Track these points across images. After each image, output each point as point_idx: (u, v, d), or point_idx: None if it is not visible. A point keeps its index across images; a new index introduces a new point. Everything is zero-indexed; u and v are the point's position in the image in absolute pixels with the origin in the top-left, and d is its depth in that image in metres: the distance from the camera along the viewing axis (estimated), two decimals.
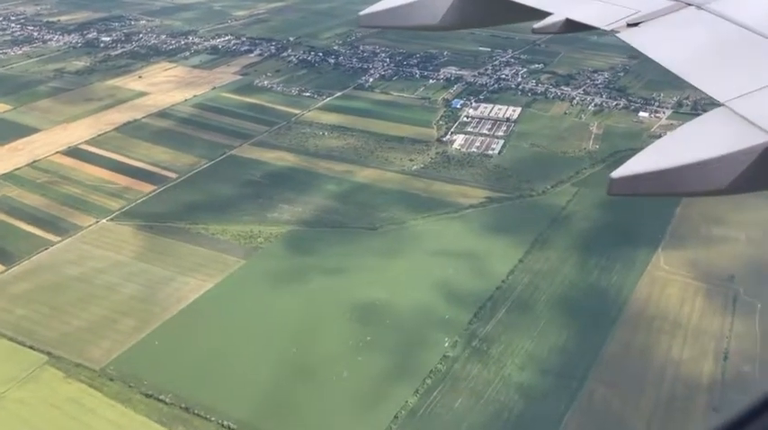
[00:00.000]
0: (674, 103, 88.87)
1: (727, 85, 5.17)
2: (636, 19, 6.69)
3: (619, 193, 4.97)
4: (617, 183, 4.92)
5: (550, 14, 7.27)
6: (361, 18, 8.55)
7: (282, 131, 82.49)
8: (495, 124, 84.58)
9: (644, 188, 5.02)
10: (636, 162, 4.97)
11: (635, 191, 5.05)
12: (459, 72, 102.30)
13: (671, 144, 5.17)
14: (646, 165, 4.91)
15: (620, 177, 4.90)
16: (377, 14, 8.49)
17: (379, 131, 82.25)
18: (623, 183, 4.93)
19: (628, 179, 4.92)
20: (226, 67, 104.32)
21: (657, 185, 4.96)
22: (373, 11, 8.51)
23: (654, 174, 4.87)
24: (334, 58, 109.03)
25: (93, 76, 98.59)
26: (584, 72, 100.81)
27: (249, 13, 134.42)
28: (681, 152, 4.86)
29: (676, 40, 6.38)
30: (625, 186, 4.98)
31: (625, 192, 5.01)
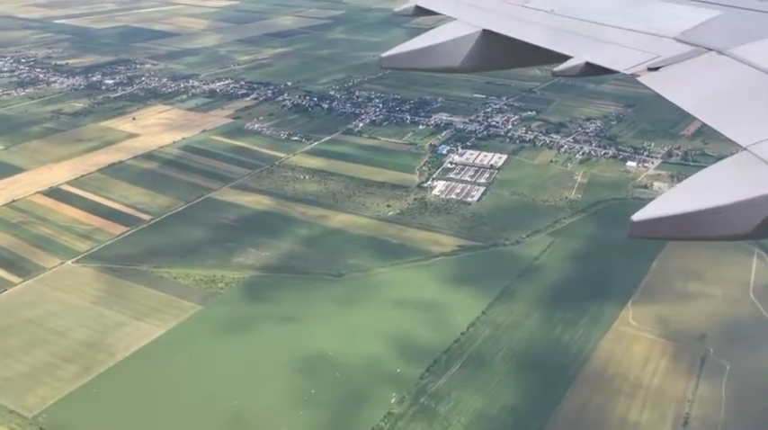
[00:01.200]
0: (663, 153, 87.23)
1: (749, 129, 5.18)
2: (656, 63, 6.67)
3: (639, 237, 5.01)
4: (637, 227, 4.94)
5: (570, 58, 7.32)
6: (383, 59, 8.79)
7: (264, 175, 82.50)
8: (478, 171, 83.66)
9: (664, 232, 5.02)
10: (657, 205, 4.98)
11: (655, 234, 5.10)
12: (451, 118, 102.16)
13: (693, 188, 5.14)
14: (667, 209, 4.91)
15: (640, 220, 4.92)
16: (399, 56, 8.76)
17: (360, 176, 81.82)
18: (644, 226, 4.94)
19: (649, 222, 4.93)
20: (220, 111, 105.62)
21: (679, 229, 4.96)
22: (395, 53, 8.77)
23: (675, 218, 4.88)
24: (328, 102, 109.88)
25: (89, 117, 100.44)
26: (576, 120, 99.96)
27: (252, 59, 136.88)
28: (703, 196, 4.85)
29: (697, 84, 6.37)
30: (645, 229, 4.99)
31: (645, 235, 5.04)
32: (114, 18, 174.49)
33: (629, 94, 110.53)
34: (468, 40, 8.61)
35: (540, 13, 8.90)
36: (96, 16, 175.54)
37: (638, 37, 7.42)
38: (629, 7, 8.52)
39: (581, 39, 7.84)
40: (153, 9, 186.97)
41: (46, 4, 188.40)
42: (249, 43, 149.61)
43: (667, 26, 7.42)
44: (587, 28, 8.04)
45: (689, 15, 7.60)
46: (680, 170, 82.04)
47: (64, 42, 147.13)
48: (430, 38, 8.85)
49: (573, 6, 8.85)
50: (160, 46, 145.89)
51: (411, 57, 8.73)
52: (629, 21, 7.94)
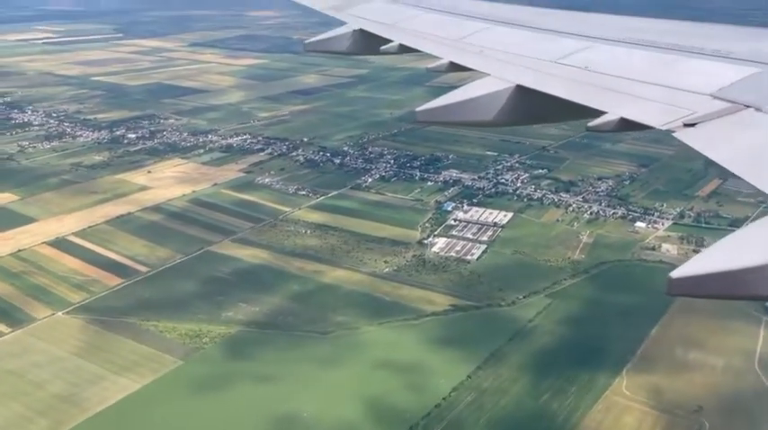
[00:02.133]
0: (675, 214, 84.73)
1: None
2: (692, 119, 6.68)
3: (678, 294, 4.89)
4: (676, 284, 4.80)
5: (605, 113, 7.35)
6: (418, 114, 8.95)
7: (266, 229, 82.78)
8: (481, 229, 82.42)
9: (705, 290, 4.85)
10: (698, 262, 4.84)
11: (695, 292, 4.90)
12: (460, 175, 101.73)
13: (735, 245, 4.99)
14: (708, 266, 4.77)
15: (680, 277, 4.78)
16: (433, 110, 8.94)
17: (361, 231, 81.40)
18: (683, 283, 4.79)
19: (688, 280, 4.79)
20: (234, 165, 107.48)
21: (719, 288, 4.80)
22: (430, 107, 8.94)
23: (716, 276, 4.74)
24: (340, 158, 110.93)
25: (106, 170, 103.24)
26: (587, 179, 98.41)
27: (273, 115, 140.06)
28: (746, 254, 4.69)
29: (735, 141, 6.34)
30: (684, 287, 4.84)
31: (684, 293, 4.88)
32: (148, 75, 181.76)
33: (645, 154, 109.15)
34: (501, 96, 8.75)
35: (574, 69, 8.99)
36: (131, 74, 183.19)
37: (672, 93, 7.44)
38: (662, 64, 8.53)
39: (615, 94, 7.88)
40: (185, 67, 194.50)
41: (85, 62, 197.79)
42: (271, 100, 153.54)
43: (703, 83, 7.40)
44: (621, 84, 8.08)
45: (724, 73, 7.57)
46: (691, 232, 79.53)
47: (96, 98, 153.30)
48: (464, 93, 9.00)
49: (606, 63, 8.94)
50: (187, 102, 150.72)
51: (445, 111, 8.90)
52: (664, 77, 7.99)
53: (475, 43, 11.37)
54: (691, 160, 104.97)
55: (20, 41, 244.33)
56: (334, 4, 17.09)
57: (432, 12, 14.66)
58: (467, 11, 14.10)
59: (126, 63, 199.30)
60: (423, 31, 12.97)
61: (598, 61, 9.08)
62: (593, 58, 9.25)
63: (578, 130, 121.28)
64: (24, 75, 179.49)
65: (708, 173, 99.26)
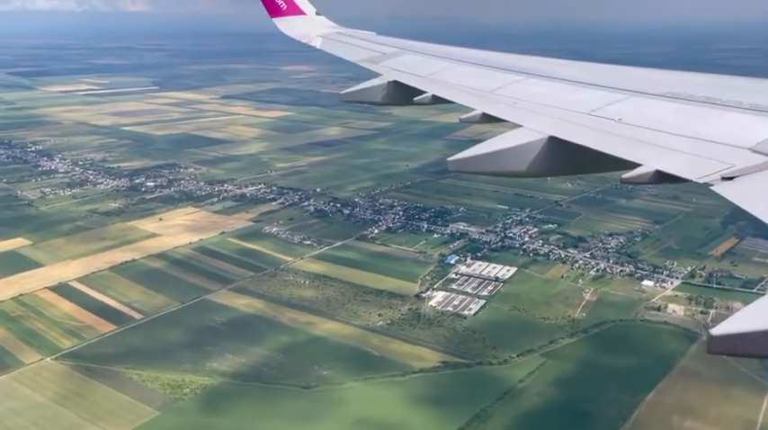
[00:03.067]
0: (686, 273, 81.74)
1: None
2: (731, 173, 6.59)
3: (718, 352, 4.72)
4: (717, 342, 4.63)
5: (639, 165, 7.36)
6: (450, 163, 9.14)
7: (265, 278, 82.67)
8: (482, 283, 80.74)
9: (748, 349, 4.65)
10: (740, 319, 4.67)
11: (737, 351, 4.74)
12: (468, 228, 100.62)
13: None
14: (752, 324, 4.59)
15: (721, 335, 4.61)
16: (466, 160, 9.05)
17: (360, 283, 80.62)
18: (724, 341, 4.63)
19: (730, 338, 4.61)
20: (244, 214, 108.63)
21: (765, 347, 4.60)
22: (462, 157, 9.06)
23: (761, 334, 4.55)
24: (349, 208, 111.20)
25: (120, 217, 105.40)
26: (597, 235, 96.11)
27: (290, 166, 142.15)
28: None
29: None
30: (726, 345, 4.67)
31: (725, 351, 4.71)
32: (176, 126, 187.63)
33: (661, 211, 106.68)
34: (534, 146, 8.81)
35: (607, 121, 9.01)
36: (160, 124, 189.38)
37: (709, 146, 7.36)
38: (698, 117, 8.46)
39: (650, 147, 7.86)
40: (213, 119, 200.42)
41: (118, 113, 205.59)
42: (292, 151, 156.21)
43: (740, 137, 7.33)
44: (656, 136, 8.06)
45: (763, 127, 7.51)
46: (701, 292, 76.41)
47: (122, 147, 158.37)
48: (497, 143, 9.05)
49: (640, 115, 8.95)
50: (209, 152, 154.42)
51: (478, 160, 9.00)
52: (699, 130, 7.91)
53: (507, 95, 11.56)
54: (707, 218, 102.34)
55: (63, 93, 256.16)
56: (370, 56, 17.60)
57: (464, 64, 15.02)
58: (499, 63, 14.42)
59: (157, 114, 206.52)
60: (455, 83, 13.29)
61: (632, 113, 9.09)
62: (627, 111, 9.27)
63: (593, 186, 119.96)
64: (60, 124, 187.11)
65: (725, 231, 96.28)
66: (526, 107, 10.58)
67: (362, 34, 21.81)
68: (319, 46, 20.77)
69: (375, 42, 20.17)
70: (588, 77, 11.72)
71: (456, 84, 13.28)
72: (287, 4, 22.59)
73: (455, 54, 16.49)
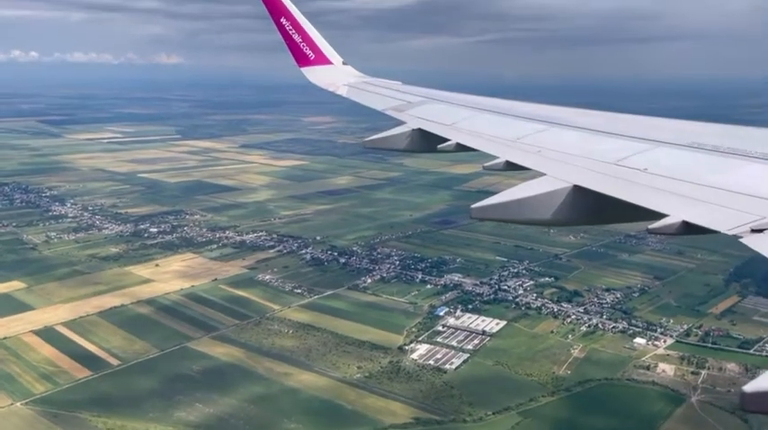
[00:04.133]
0: (681, 331, 78.93)
1: None
2: (761, 225, 6.50)
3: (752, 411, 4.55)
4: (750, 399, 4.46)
5: (666, 216, 7.31)
6: (474, 210, 9.07)
7: (250, 326, 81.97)
8: (468, 336, 78.91)
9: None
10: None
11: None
12: (463, 279, 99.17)
13: None
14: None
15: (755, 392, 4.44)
16: (489, 207, 9.06)
17: (344, 333, 79.41)
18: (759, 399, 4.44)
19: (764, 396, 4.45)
20: (240, 261, 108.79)
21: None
22: (486, 204, 9.06)
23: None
24: (346, 257, 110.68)
25: (118, 262, 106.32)
26: (594, 290, 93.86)
27: (295, 213, 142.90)
28: None
29: None
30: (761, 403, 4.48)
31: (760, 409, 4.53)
32: (189, 173, 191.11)
33: (663, 267, 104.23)
34: (558, 195, 8.78)
35: (632, 171, 9.00)
36: (174, 171, 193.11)
37: (737, 198, 7.27)
38: (725, 168, 8.44)
39: (676, 197, 7.80)
40: (227, 167, 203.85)
41: (136, 160, 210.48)
42: (299, 199, 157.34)
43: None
44: (682, 187, 8.01)
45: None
46: (695, 352, 73.67)
47: (134, 193, 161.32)
48: (521, 190, 9.06)
49: (666, 166, 8.92)
50: (217, 199, 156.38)
51: (501, 208, 9.00)
52: (727, 182, 7.85)
53: (531, 143, 11.58)
54: (711, 274, 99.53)
55: (87, 140, 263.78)
56: (394, 105, 17.84)
57: (487, 113, 15.20)
58: (522, 112, 14.54)
59: (174, 161, 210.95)
60: (479, 131, 13.42)
61: (658, 164, 9.03)
62: (653, 161, 9.23)
63: (596, 239, 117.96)
64: (78, 170, 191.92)
65: (727, 289, 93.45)
66: (550, 156, 10.58)
67: (388, 83, 22.25)
68: (345, 94, 21.21)
69: (400, 91, 20.50)
70: (611, 127, 11.67)
71: (479, 132, 13.38)
72: (315, 54, 23.05)
73: (478, 103, 16.69)
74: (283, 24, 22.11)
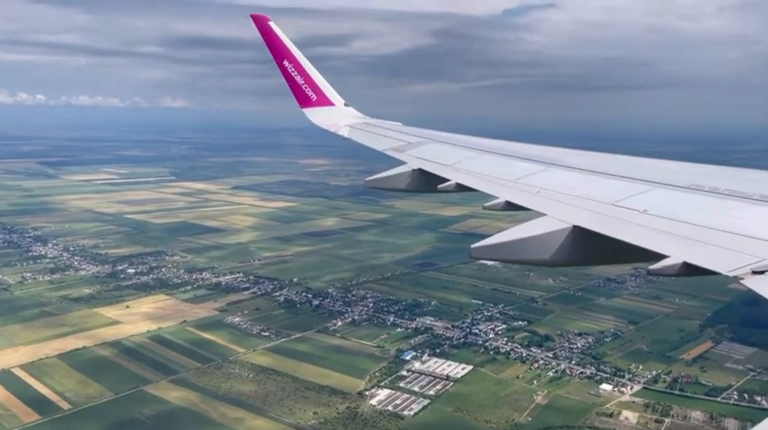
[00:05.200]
0: (649, 377, 77.11)
1: None
2: (761, 267, 6.50)
3: None
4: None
5: (666, 257, 7.26)
6: (474, 250, 9.05)
7: (210, 370, 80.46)
8: (432, 381, 77.17)
9: None
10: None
11: None
12: (435, 323, 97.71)
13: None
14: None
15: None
16: (489, 248, 9.06)
17: (305, 378, 77.81)
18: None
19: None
20: (212, 303, 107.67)
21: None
22: (485, 244, 9.05)
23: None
24: (320, 299, 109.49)
25: (88, 303, 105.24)
26: (566, 334, 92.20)
27: (276, 255, 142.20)
28: None
29: None
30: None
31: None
32: (176, 214, 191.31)
33: (639, 311, 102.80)
34: (558, 235, 8.76)
35: (632, 212, 8.97)
36: (162, 212, 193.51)
37: (737, 239, 7.27)
38: (725, 210, 8.43)
39: (677, 238, 7.78)
40: (216, 208, 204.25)
41: (125, 201, 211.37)
42: (282, 241, 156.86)
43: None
44: (683, 228, 8.00)
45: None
46: (660, 399, 71.78)
47: (118, 234, 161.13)
48: (521, 231, 9.05)
49: (666, 207, 8.90)
50: (200, 240, 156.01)
51: (501, 248, 8.98)
52: (727, 223, 7.83)
53: (531, 184, 11.66)
54: (686, 320, 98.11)
55: (82, 181, 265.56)
56: (395, 145, 18.10)
57: (487, 154, 15.36)
58: (521, 153, 14.72)
59: (163, 203, 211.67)
60: (479, 172, 13.51)
61: (657, 205, 9.00)
62: (652, 202, 9.20)
63: (575, 283, 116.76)
64: (66, 211, 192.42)
65: (701, 335, 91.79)
66: (550, 196, 10.62)
67: (389, 124, 22.56)
68: (347, 135, 21.39)
69: (401, 132, 20.75)
70: (609, 168, 11.79)
71: (479, 172, 13.49)
72: (317, 95, 23.33)
73: (478, 144, 16.91)
74: (286, 67, 22.53)
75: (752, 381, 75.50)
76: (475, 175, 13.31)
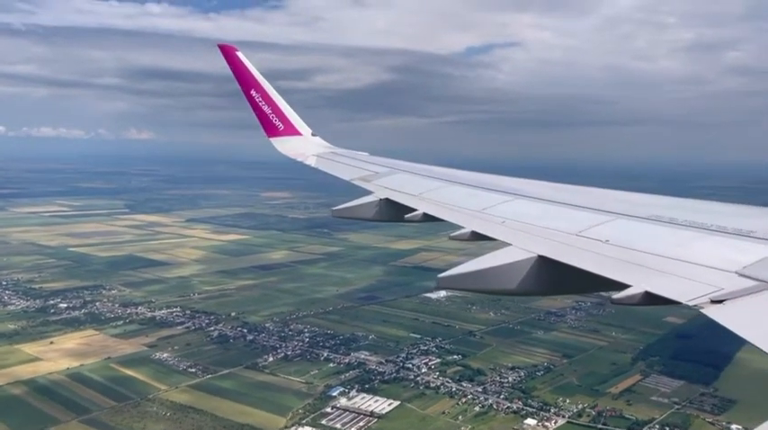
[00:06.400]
0: (575, 411, 76.40)
1: None
2: (719, 296, 6.56)
3: None
4: None
5: (629, 286, 7.28)
6: (441, 280, 9.08)
7: (126, 408, 77.21)
8: (355, 418, 75.24)
9: None
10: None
11: None
12: (369, 357, 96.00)
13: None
14: None
15: None
16: (455, 277, 9.07)
17: (224, 416, 75.16)
18: None
19: None
20: (143, 338, 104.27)
21: None
22: (452, 274, 9.07)
23: None
24: (255, 334, 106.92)
25: (11, 339, 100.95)
26: (498, 368, 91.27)
27: (217, 289, 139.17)
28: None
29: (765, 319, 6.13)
30: None
31: None
32: (122, 247, 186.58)
33: (575, 345, 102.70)
34: (523, 265, 8.82)
35: (595, 242, 9.08)
36: (108, 245, 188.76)
37: (696, 269, 7.39)
38: (684, 240, 8.52)
39: (638, 268, 7.84)
40: (164, 241, 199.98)
41: (71, 234, 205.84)
42: (227, 274, 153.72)
43: (727, 260, 7.38)
44: (644, 258, 8.09)
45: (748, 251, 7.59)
46: None
47: (58, 268, 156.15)
48: (486, 261, 9.08)
49: (627, 238, 8.98)
50: (142, 274, 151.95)
51: (467, 278, 9.05)
52: (687, 253, 7.95)
53: (496, 214, 11.72)
54: (620, 353, 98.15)
55: (30, 214, 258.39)
56: (362, 175, 18.06)
57: (453, 184, 15.36)
58: (487, 183, 14.78)
59: (110, 236, 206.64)
60: (446, 202, 13.51)
61: (619, 236, 9.11)
62: (614, 232, 9.30)
63: (515, 316, 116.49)
64: (8, 244, 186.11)
65: (632, 368, 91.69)
66: (515, 226, 10.72)
67: (356, 154, 22.64)
68: (314, 164, 21.32)
69: (368, 162, 20.84)
70: (573, 199, 11.94)
71: (446, 202, 13.52)
72: (284, 125, 23.32)
73: (445, 174, 17.00)
74: (253, 96, 22.56)
75: (675, 414, 75.31)
76: (441, 205, 13.35)
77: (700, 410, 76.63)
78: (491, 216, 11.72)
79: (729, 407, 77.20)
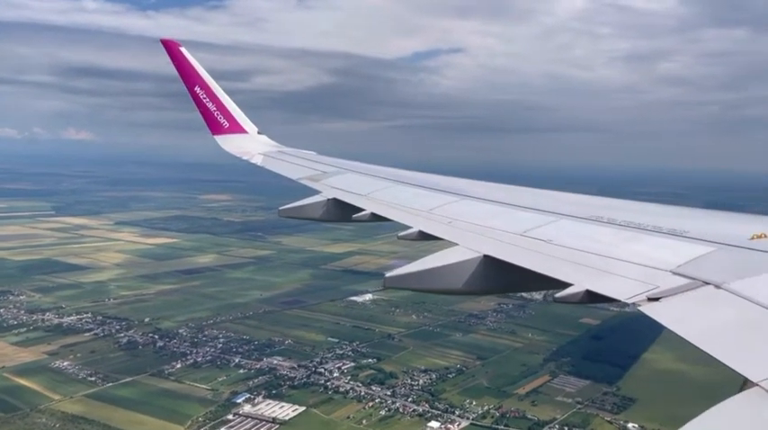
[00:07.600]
0: (479, 413, 76.44)
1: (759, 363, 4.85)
2: (656, 294, 6.60)
3: None
4: None
5: (570, 285, 7.30)
6: (387, 279, 9.06)
7: (14, 420, 72.98)
8: (256, 425, 73.26)
9: None
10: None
11: None
12: (281, 362, 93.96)
13: None
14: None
15: None
16: (403, 277, 9.02)
17: (117, 426, 72.02)
18: None
19: None
20: (45, 346, 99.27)
21: None
22: (399, 273, 9.02)
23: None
24: (166, 340, 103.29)
25: None
26: (411, 371, 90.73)
27: (135, 294, 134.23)
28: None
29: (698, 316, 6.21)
30: None
31: None
32: (41, 251, 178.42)
33: (491, 346, 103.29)
34: (470, 265, 8.78)
35: (538, 242, 9.19)
36: (26, 249, 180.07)
37: (635, 268, 7.46)
38: (623, 240, 8.57)
39: (580, 267, 7.91)
40: (87, 244, 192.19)
41: None
42: (147, 279, 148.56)
43: (662, 259, 7.51)
44: (585, 257, 8.19)
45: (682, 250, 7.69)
46: None
47: None
48: (434, 260, 8.98)
49: (569, 238, 9.09)
50: (56, 279, 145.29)
51: (414, 277, 8.98)
52: (625, 253, 8.05)
53: (444, 214, 11.68)
54: (533, 354, 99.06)
55: None
56: (310, 174, 17.76)
57: (402, 185, 15.25)
58: (435, 184, 14.70)
59: (30, 239, 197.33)
60: (393, 202, 13.44)
61: (561, 235, 9.29)
62: (556, 233, 9.45)
63: (437, 319, 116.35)
64: None
65: (542, 369, 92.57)
66: (462, 226, 10.75)
67: (303, 153, 22.27)
68: (260, 163, 20.75)
69: (316, 161, 20.50)
70: (518, 200, 12.08)
71: (394, 202, 13.49)
72: (229, 123, 22.56)
73: (394, 175, 16.86)
74: (198, 93, 21.85)
75: (576, 414, 76.26)
76: (389, 205, 13.35)
77: (600, 409, 77.88)
78: (439, 216, 11.76)
79: (629, 405, 78.74)
